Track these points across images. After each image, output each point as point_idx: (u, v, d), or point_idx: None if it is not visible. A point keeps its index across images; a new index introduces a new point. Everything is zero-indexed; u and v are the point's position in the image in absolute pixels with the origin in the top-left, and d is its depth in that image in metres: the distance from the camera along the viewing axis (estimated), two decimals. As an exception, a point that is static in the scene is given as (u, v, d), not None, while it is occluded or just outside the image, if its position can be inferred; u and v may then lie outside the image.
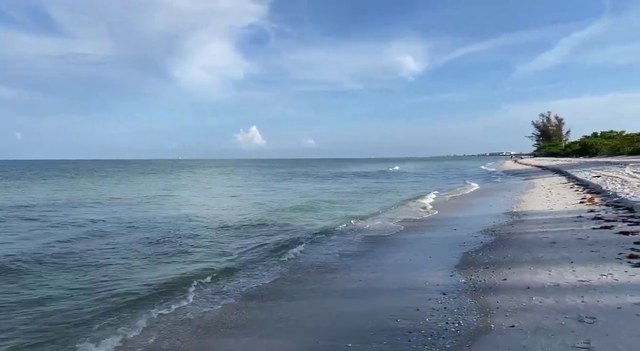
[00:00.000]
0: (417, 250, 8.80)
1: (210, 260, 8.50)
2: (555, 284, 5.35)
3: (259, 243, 10.19)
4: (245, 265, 7.98)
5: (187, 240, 10.72)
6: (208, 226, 12.77)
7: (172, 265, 8.24)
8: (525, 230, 9.54)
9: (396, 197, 21.87)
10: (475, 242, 8.82)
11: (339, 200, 20.22)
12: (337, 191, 26.54)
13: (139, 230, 12.15)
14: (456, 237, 9.72)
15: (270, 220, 13.81)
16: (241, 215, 15.25)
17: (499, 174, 43.83)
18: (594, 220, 9.64)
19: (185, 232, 11.75)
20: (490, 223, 11.05)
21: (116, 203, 20.09)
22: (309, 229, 12.02)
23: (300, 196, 23.15)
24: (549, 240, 8.09)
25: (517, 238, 8.70)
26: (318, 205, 18.10)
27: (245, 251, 9.32)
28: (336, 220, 13.54)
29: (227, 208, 17.60)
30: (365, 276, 6.91)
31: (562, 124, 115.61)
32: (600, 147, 70.11)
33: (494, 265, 6.72)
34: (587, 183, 19.19)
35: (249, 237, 11.06)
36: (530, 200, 15.43)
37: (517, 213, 12.37)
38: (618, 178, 18.66)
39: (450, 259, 7.51)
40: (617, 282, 5.12)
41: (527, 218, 11.33)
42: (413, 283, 6.23)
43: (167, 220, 13.94)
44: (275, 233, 11.53)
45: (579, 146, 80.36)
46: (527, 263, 6.52)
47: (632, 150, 61.19)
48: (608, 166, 29.08)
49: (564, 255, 6.79)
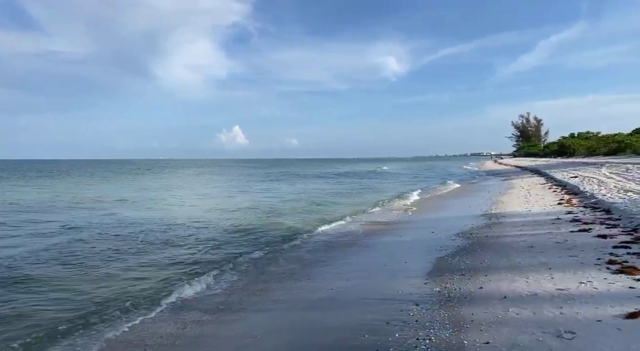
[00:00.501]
0: (392, 254, 8.46)
1: (165, 269, 7.92)
2: (533, 293, 5.04)
3: (221, 249, 9.61)
4: (203, 275, 7.40)
5: (144, 246, 9.98)
6: (170, 230, 12.13)
7: (123, 274, 7.67)
8: (503, 232, 9.30)
9: (376, 197, 21.58)
10: (452, 245, 8.53)
11: (317, 201, 19.81)
12: (317, 191, 26.13)
13: (88, 234, 11.45)
14: (433, 240, 9.42)
15: (238, 223, 13.29)
16: (208, 218, 14.65)
17: (479, 174, 44.13)
18: (572, 222, 9.47)
19: (144, 238, 11.03)
20: (468, 225, 10.81)
21: (79, 207, 19.26)
22: (279, 233, 11.51)
23: (276, 197, 22.66)
24: (527, 243, 7.84)
25: (494, 241, 8.44)
26: (294, 207, 17.66)
27: (204, 258, 8.75)
28: (310, 223, 13.12)
29: (195, 211, 16.99)
30: (335, 285, 6.51)
31: (540, 125, 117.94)
32: (577, 147, 71.52)
33: (470, 271, 6.41)
34: (565, 183, 19.25)
35: (211, 242, 10.47)
36: (508, 201, 15.31)
37: (495, 215, 12.18)
38: (595, 178, 18.76)
39: (426, 265, 7.18)
40: (596, 291, 4.84)
41: (506, 220, 11.13)
42: (385, 292, 5.86)
43: (127, 224, 13.28)
44: (240, 237, 10.97)
45: (557, 147, 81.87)
46: (504, 270, 6.23)
47: (607, 151, 62.59)
48: (585, 167, 29.45)
49: (542, 260, 6.53)
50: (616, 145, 60.86)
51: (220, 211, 16.50)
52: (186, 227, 12.63)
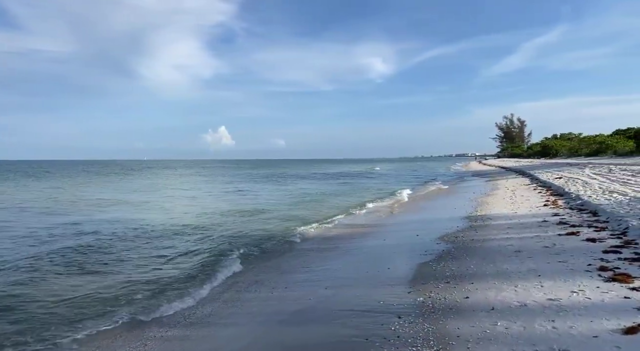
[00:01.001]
0: (376, 259, 8.09)
1: (128, 280, 7.35)
2: (523, 304, 4.71)
3: (193, 256, 9.05)
4: (170, 285, 6.88)
5: (108, 254, 9.30)
6: (141, 234, 11.57)
7: (82, 286, 7.10)
8: (489, 236, 9.01)
9: (361, 198, 21.24)
10: (437, 250, 8.20)
11: (300, 203, 19.39)
12: (302, 193, 25.70)
13: (59, 238, 10.85)
14: (418, 244, 9.08)
15: (215, 227, 12.71)
16: (183, 221, 14.06)
17: (464, 175, 44.24)
18: (559, 225, 9.23)
19: (112, 242, 10.43)
20: (453, 228, 10.52)
21: (47, 210, 18.49)
22: (257, 238, 10.98)
23: (258, 199, 22.16)
24: (514, 248, 7.55)
25: (480, 245, 8.13)
26: (276, 209, 17.20)
27: (173, 266, 8.21)
28: (291, 226, 12.68)
29: (171, 214, 16.40)
30: (314, 294, 6.10)
31: (524, 126, 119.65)
32: (560, 148, 72.55)
33: (456, 278, 6.06)
34: (549, 184, 19.19)
35: (182, 248, 9.94)
36: (494, 203, 15.11)
37: (481, 217, 11.92)
38: (579, 179, 18.74)
39: (410, 271, 6.83)
40: (589, 302, 4.53)
41: (492, 222, 10.87)
42: (366, 302, 5.47)
43: (97, 228, 12.66)
44: (216, 242, 10.43)
45: (540, 148, 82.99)
46: (491, 277, 5.90)
47: (589, 152, 63.60)
48: (568, 167, 29.62)
49: (531, 266, 6.22)
50: (597, 146, 61.86)
51: (198, 214, 15.94)
52: (157, 231, 12.06)
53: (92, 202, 20.40)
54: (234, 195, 24.74)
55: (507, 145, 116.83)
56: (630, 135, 59.01)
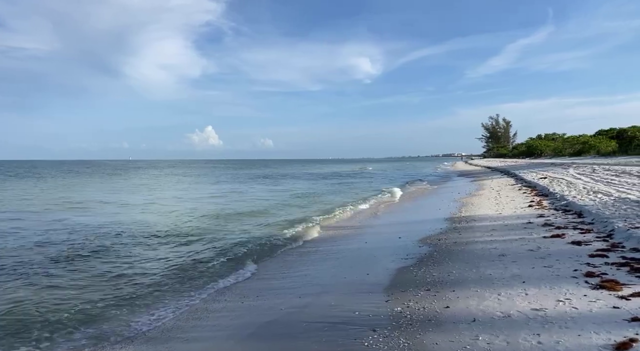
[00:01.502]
0: (355, 264, 7.74)
1: (83, 289, 6.88)
2: (506, 314, 4.39)
3: (161, 261, 8.57)
4: (135, 293, 6.42)
5: (69, 259, 8.74)
6: (115, 238, 11.07)
7: (37, 295, 6.62)
8: (473, 238, 8.73)
9: (346, 199, 20.91)
10: (419, 253, 7.88)
11: (283, 203, 18.97)
12: (287, 193, 25.28)
13: (28, 242, 10.30)
14: (400, 247, 8.75)
15: (190, 229, 12.17)
16: (157, 224, 13.53)
17: (450, 175, 44.29)
18: (544, 227, 9.00)
19: (87, 246, 9.96)
20: (437, 230, 10.23)
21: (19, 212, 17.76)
22: (231, 241, 10.48)
23: (241, 200, 21.67)
24: (497, 251, 7.26)
25: (463, 248, 7.83)
26: (260, 210, 16.76)
27: (138, 273, 7.76)
28: (270, 228, 12.28)
29: (147, 216, 15.85)
30: (287, 304, 5.71)
31: (509, 127, 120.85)
32: (544, 148, 73.46)
33: (436, 285, 5.73)
34: (534, 185, 19.10)
35: (151, 253, 9.48)
36: (479, 203, 14.91)
37: (465, 218, 11.67)
38: (564, 179, 18.68)
39: (389, 277, 6.48)
40: (576, 312, 4.22)
41: (476, 224, 10.61)
42: (340, 313, 5.11)
43: (72, 231, 12.09)
44: (187, 246, 9.98)
45: (525, 148, 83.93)
46: (473, 283, 5.58)
47: (572, 152, 64.51)
48: (553, 167, 29.74)
49: (515, 271, 5.93)
50: (581, 146, 62.79)
51: (176, 217, 15.41)
52: (129, 234, 11.52)
53: (60, 204, 19.68)
54: (217, 196, 24.19)
55: (493, 145, 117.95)
56: (613, 136, 60.02)
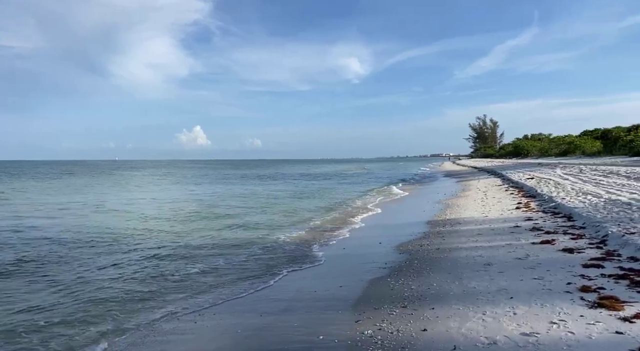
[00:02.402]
0: (328, 274, 7.06)
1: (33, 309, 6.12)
2: (492, 341, 3.74)
3: (108, 270, 7.75)
4: (80, 321, 5.56)
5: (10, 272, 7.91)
6: (66, 245, 10.22)
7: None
8: (457, 244, 8.12)
9: (330, 200, 20.23)
10: (399, 262, 7.24)
11: (265, 206, 18.22)
12: (270, 195, 24.51)
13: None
14: (380, 254, 8.11)
15: (155, 238, 10.98)
16: (118, 228, 12.70)
17: (437, 175, 43.95)
18: (532, 231, 8.43)
19: (17, 256, 9.01)
20: (420, 234, 9.63)
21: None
22: (203, 249, 9.65)
23: (222, 202, 20.84)
24: (483, 259, 6.65)
25: (447, 256, 7.21)
26: (239, 213, 15.97)
27: (80, 288, 7.01)
28: (249, 234, 11.53)
29: (112, 220, 14.98)
30: (246, 324, 4.99)
31: (496, 127, 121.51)
32: (531, 149, 73.73)
33: (415, 301, 5.08)
34: (521, 185, 18.67)
35: (102, 260, 8.69)
36: (465, 205, 14.36)
37: (450, 221, 11.09)
38: (551, 180, 18.27)
39: (363, 291, 5.83)
40: (573, 339, 3.59)
41: (461, 227, 10.02)
42: (303, 337, 4.42)
43: (22, 235, 11.20)
44: (143, 252, 9.09)
45: (512, 148, 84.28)
46: (455, 299, 4.94)
47: (558, 152, 64.73)
48: (540, 167, 29.47)
49: (502, 284, 5.31)
50: (567, 146, 63.00)
51: (142, 220, 14.56)
52: (74, 242, 10.65)
53: (28, 206, 18.65)
54: (194, 201, 23.31)
55: (480, 145, 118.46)
56: (597, 136, 60.34)
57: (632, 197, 10.52)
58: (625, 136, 48.98)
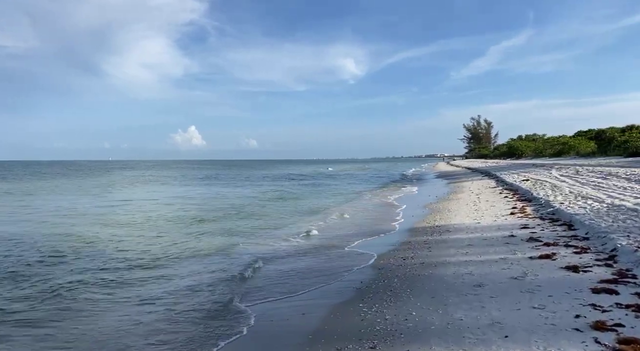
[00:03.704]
0: (290, 296, 6.02)
1: None
2: (480, 411, 2.74)
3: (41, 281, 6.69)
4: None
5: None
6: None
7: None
8: (445, 257, 7.12)
9: (314, 202, 19.19)
10: (376, 280, 6.23)
11: (239, 211, 17.15)
12: (253, 196, 23.43)
13: None
14: (355, 269, 7.11)
15: (103, 241, 10.13)
16: (66, 237, 11.62)
17: (430, 176, 43.11)
18: (529, 243, 7.46)
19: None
20: (405, 244, 8.64)
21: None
22: (142, 262, 8.46)
23: (200, 205, 19.73)
24: (473, 278, 5.67)
25: (431, 273, 6.21)
26: (211, 218, 14.87)
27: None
28: (213, 244, 10.45)
29: (53, 228, 13.85)
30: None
31: (491, 127, 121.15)
32: (525, 149, 73.20)
33: (386, 340, 4.06)
34: (516, 188, 17.76)
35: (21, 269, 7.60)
36: (456, 209, 13.39)
37: (439, 229, 10.10)
38: (547, 182, 17.38)
39: (327, 322, 4.80)
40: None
41: (450, 236, 9.03)
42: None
43: None
44: (77, 263, 8.05)
45: (506, 148, 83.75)
46: (436, 337, 3.94)
47: (553, 153, 64.19)
48: (534, 168, 28.63)
49: (494, 314, 4.32)
50: (561, 147, 62.47)
51: (101, 227, 13.46)
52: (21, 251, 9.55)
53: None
54: (177, 201, 22.19)
55: (475, 146, 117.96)
56: (591, 137, 59.85)
57: (637, 202, 9.59)
58: (619, 137, 48.42)
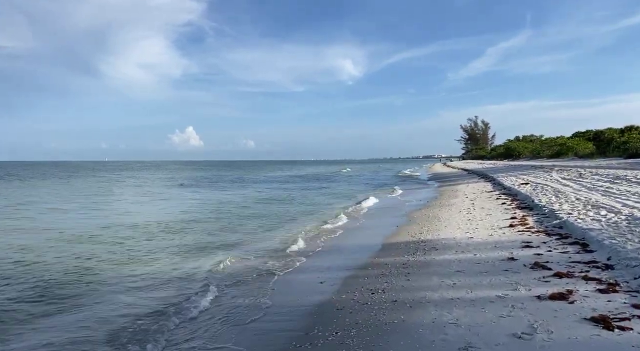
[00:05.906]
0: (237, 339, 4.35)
1: None
2: None
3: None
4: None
5: None
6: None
7: None
8: (425, 292, 5.44)
9: (302, 208, 17.51)
10: (328, 333, 4.55)
11: (219, 217, 15.45)
12: (240, 201, 21.72)
13: None
14: (307, 311, 5.42)
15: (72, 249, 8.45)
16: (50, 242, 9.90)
17: (424, 178, 41.52)
18: (534, 270, 5.79)
19: None
20: (379, 269, 6.96)
21: None
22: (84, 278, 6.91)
23: (178, 210, 18.02)
24: (458, 334, 3.99)
25: (405, 321, 4.53)
26: (190, 226, 13.15)
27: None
28: (151, 265, 8.76)
29: (25, 234, 12.10)
30: None
31: (488, 128, 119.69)
32: (523, 150, 71.83)
33: None
34: (515, 192, 16.12)
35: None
36: (447, 219, 11.73)
37: (424, 245, 8.43)
38: (549, 186, 15.75)
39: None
40: None
41: (436, 257, 7.35)
42: None
43: None
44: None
45: (503, 149, 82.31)
46: None
47: (550, 154, 62.76)
48: (533, 170, 27.04)
49: None
50: (559, 148, 61.06)
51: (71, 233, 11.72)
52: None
53: None
54: (159, 204, 20.45)
55: (472, 147, 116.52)
56: (589, 137, 58.47)
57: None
58: (619, 137, 46.98)
